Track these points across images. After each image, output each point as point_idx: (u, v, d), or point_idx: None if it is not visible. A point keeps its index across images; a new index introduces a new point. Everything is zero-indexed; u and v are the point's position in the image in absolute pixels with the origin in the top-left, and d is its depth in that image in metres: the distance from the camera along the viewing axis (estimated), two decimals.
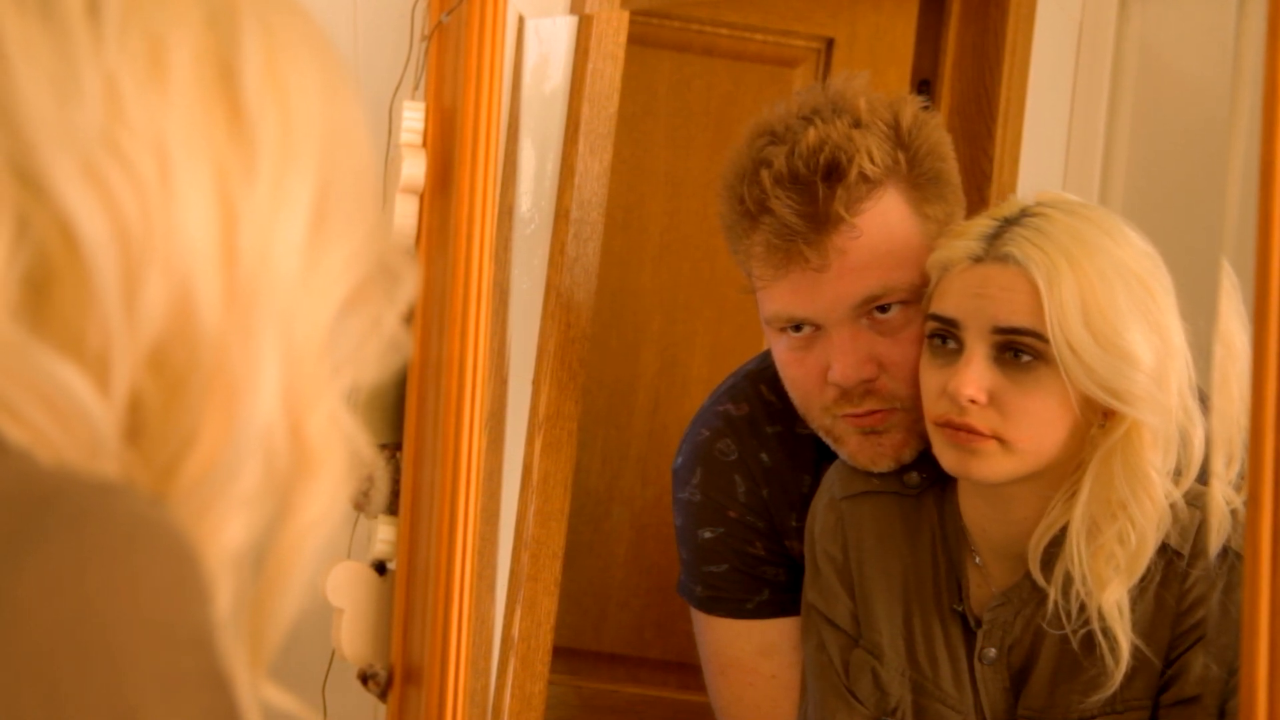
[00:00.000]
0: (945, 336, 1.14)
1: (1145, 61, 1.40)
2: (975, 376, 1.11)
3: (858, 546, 1.25)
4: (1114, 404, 1.09)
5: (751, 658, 1.35)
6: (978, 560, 1.21)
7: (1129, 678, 1.13)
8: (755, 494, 1.35)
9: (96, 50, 0.57)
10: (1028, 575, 1.17)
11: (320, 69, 0.63)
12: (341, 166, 0.63)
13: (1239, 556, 1.08)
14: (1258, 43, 0.97)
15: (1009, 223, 1.13)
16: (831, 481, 1.28)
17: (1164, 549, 1.13)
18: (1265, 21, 0.96)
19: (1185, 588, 1.13)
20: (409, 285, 0.65)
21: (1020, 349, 1.11)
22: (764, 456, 1.35)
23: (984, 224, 1.15)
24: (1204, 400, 1.13)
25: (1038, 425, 1.11)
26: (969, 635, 1.21)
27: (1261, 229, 0.95)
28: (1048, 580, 1.14)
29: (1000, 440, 1.11)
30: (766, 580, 1.34)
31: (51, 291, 0.56)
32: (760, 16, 1.61)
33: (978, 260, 1.13)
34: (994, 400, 1.11)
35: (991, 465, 1.13)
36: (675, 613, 1.45)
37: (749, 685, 1.35)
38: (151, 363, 0.57)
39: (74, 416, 0.55)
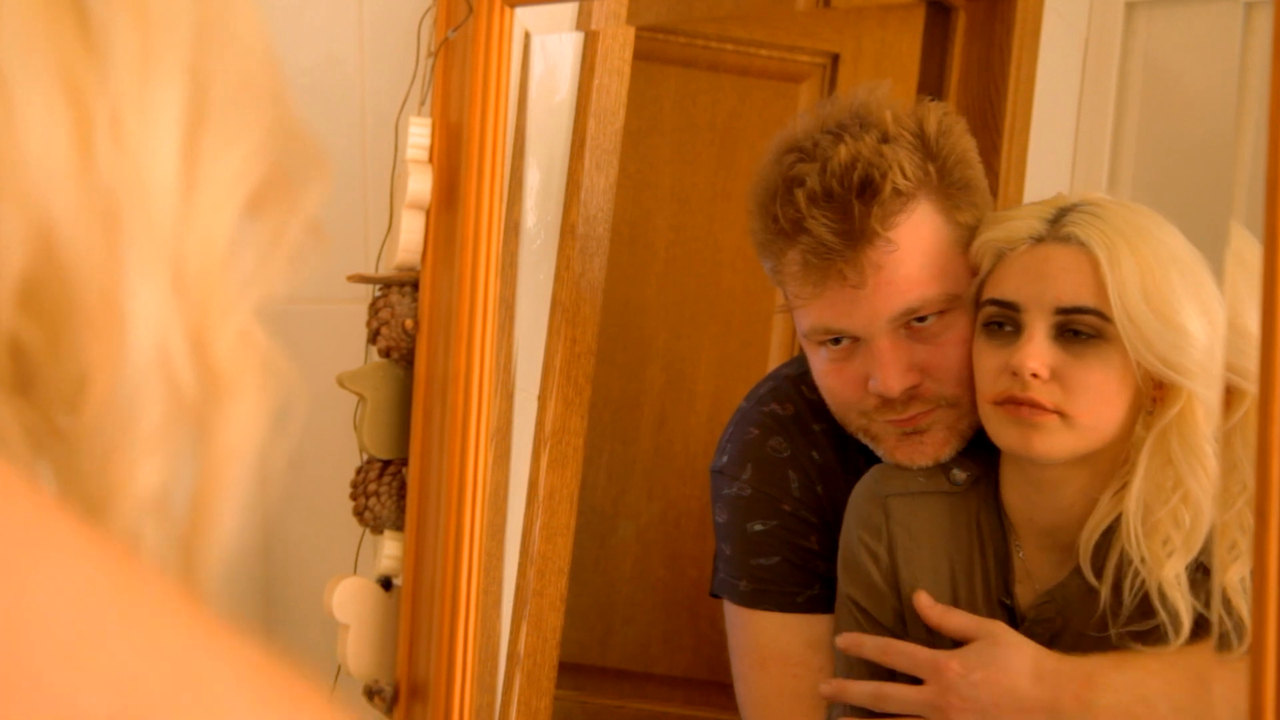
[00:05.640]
0: (1002, 322, 1.17)
1: (1151, 75, 1.39)
2: (1039, 351, 1.14)
3: (905, 545, 1.26)
4: (1172, 376, 1.12)
5: (800, 650, 1.34)
6: (1021, 555, 1.22)
7: None
8: (810, 489, 1.35)
9: None
10: (1076, 571, 1.17)
11: None
12: (222, 62, 0.56)
13: None
14: (1264, 56, 0.97)
15: (1065, 210, 1.17)
16: (875, 479, 1.28)
17: None
18: (1271, 35, 0.97)
19: None
20: (317, 185, 0.59)
21: (1081, 328, 1.13)
22: (815, 454, 1.35)
23: (1037, 209, 1.19)
24: None
25: (1099, 400, 1.14)
26: (1015, 628, 1.21)
27: (1268, 242, 0.96)
28: (1097, 577, 1.15)
29: (1062, 415, 1.14)
30: (819, 575, 1.34)
31: None
32: (766, 32, 1.60)
33: (1039, 241, 1.17)
34: (1056, 375, 1.14)
35: (1053, 441, 1.15)
36: (681, 628, 1.45)
37: (794, 677, 1.35)
38: (24, 305, 0.52)
39: None
